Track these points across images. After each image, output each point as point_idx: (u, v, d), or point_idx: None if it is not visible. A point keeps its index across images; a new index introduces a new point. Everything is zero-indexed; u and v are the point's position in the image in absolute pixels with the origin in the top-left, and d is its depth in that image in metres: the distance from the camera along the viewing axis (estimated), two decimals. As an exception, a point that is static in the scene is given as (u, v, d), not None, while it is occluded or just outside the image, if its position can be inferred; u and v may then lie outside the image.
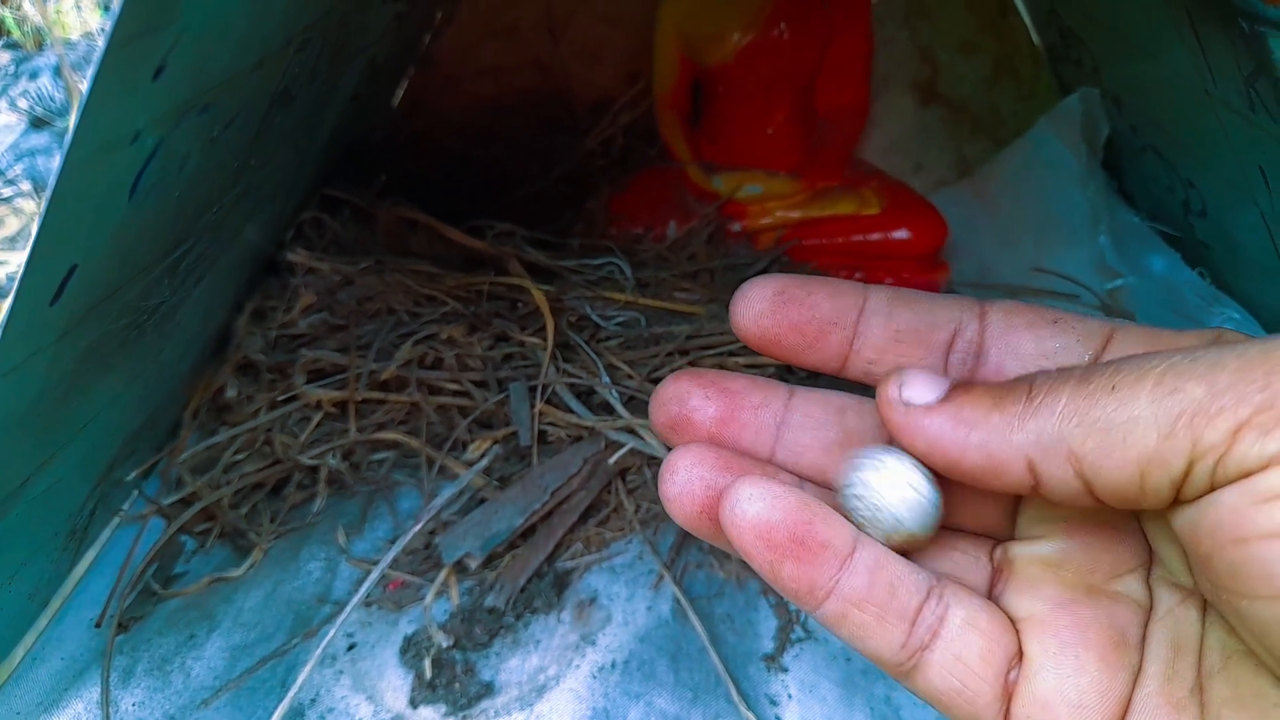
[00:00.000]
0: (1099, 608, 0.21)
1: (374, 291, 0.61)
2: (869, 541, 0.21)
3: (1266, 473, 0.16)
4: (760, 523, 0.20)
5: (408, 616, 0.51)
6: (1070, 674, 0.20)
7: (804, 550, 0.20)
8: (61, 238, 0.27)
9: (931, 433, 0.20)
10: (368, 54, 0.58)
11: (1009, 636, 0.21)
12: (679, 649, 0.49)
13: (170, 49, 0.27)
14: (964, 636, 0.21)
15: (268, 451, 0.56)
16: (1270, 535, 0.15)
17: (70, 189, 0.26)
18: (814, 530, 0.20)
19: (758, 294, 0.23)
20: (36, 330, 0.30)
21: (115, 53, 0.24)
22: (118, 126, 0.27)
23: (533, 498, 0.53)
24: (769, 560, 0.21)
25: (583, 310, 0.63)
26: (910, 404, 0.20)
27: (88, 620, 0.51)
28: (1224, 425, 0.16)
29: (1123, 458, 0.17)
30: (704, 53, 0.79)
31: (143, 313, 0.39)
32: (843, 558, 0.21)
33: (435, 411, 0.58)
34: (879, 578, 0.21)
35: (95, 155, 0.26)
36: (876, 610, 0.21)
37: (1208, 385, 0.16)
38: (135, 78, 0.26)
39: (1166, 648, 0.20)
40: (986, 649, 0.21)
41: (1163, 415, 0.17)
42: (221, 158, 0.37)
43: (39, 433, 0.35)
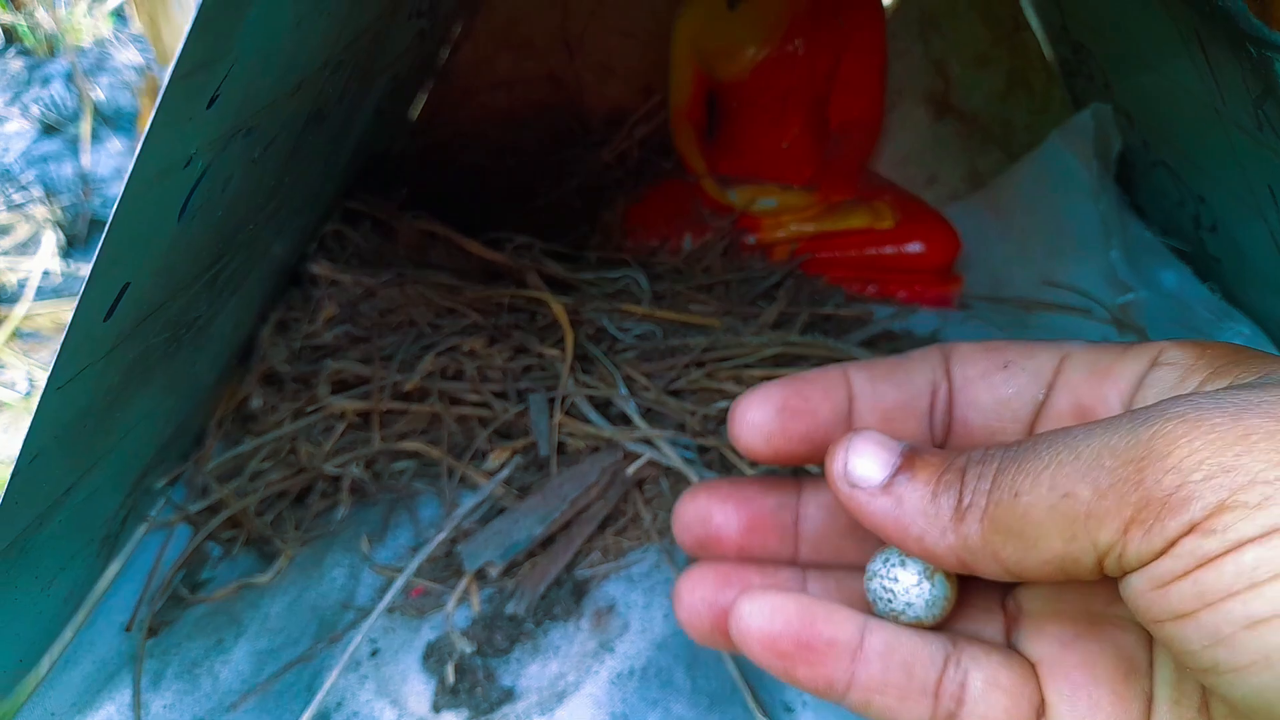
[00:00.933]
0: (1104, 639, 0.21)
1: (395, 303, 0.62)
2: (877, 625, 0.22)
3: (1156, 564, 0.17)
4: (765, 634, 0.22)
5: (429, 623, 0.52)
6: (1086, 714, 0.21)
7: (811, 653, 0.22)
8: (118, 258, 0.28)
9: (875, 519, 0.21)
10: (392, 70, 0.59)
11: (1031, 686, 0.22)
12: (695, 657, 0.50)
13: (223, 80, 0.28)
14: (988, 698, 0.22)
15: (292, 460, 0.57)
16: (1173, 618, 0.17)
17: (129, 213, 0.27)
18: (817, 631, 0.22)
19: (760, 415, 0.24)
20: (90, 346, 0.31)
21: (176, 86, 0.25)
22: (174, 153, 0.28)
23: (552, 507, 0.54)
24: (782, 668, 0.22)
25: (600, 323, 0.64)
26: (855, 484, 0.22)
27: (118, 624, 0.52)
28: (1112, 526, 0.18)
29: (1039, 559, 0.19)
30: (719, 68, 0.80)
31: (182, 326, 0.40)
32: (852, 650, 0.22)
33: (456, 422, 0.59)
34: (893, 661, 0.22)
35: (152, 181, 0.28)
36: (897, 692, 0.22)
37: (1092, 487, 0.18)
38: (192, 108, 0.27)
39: (1171, 669, 0.20)
40: (1011, 705, 0.21)
41: (1061, 522, 0.18)
42: (260, 177, 0.39)
43: (83, 444, 0.36)
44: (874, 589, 0.23)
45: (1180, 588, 0.17)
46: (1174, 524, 0.17)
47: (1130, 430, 0.18)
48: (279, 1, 0.30)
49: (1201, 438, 0.17)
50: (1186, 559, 0.17)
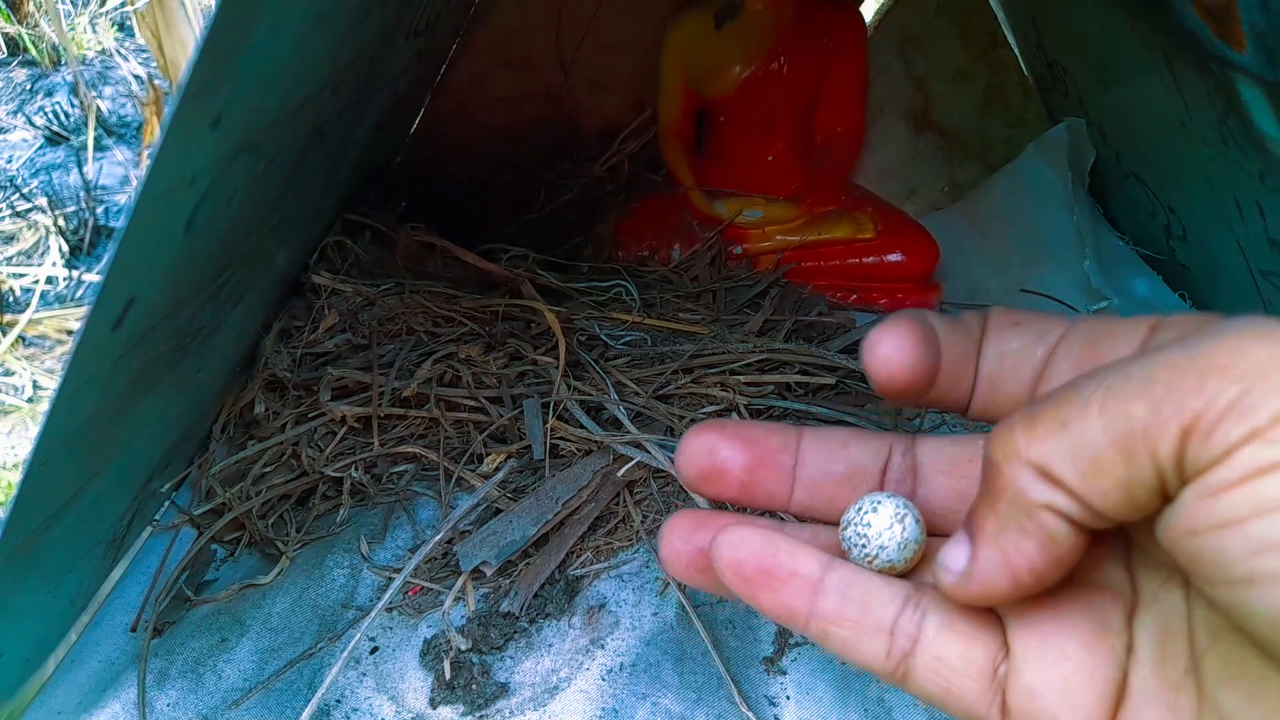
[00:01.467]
0: (1077, 599, 0.22)
1: (394, 312, 0.64)
2: (840, 565, 0.23)
3: (1211, 472, 0.17)
4: (732, 561, 0.23)
5: (427, 621, 0.54)
6: (1054, 662, 0.21)
7: (773, 580, 0.23)
8: (126, 270, 0.30)
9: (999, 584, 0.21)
10: (391, 87, 0.62)
11: (989, 634, 0.22)
12: (684, 652, 0.52)
13: (227, 102, 0.30)
14: (941, 639, 0.22)
15: (294, 464, 0.59)
16: (1219, 527, 0.17)
17: (137, 227, 0.29)
18: (779, 561, 0.23)
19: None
20: (98, 355, 0.33)
21: (183, 107, 0.27)
22: (180, 170, 0.30)
23: (545, 509, 0.56)
24: (746, 592, 0.23)
25: (592, 330, 0.66)
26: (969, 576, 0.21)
27: (123, 625, 0.54)
28: (1172, 436, 0.17)
29: (1104, 487, 0.19)
30: (707, 85, 0.82)
31: (187, 335, 0.42)
32: (813, 583, 0.23)
33: (452, 426, 0.61)
34: (850, 595, 0.23)
35: (160, 196, 0.30)
36: (853, 625, 0.23)
37: (1147, 402, 0.18)
38: (198, 128, 0.29)
39: (1156, 630, 0.21)
40: (965, 649, 0.22)
41: (1120, 443, 0.18)
42: (263, 192, 0.41)
43: (91, 449, 0.38)
44: (848, 536, 0.24)
45: (1233, 495, 0.16)
46: (1236, 430, 0.16)
47: (1186, 347, 0.17)
48: (281, 26, 0.32)
49: (1266, 349, 0.16)
50: (1244, 466, 0.16)
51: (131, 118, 3.07)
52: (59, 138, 2.68)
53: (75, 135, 2.67)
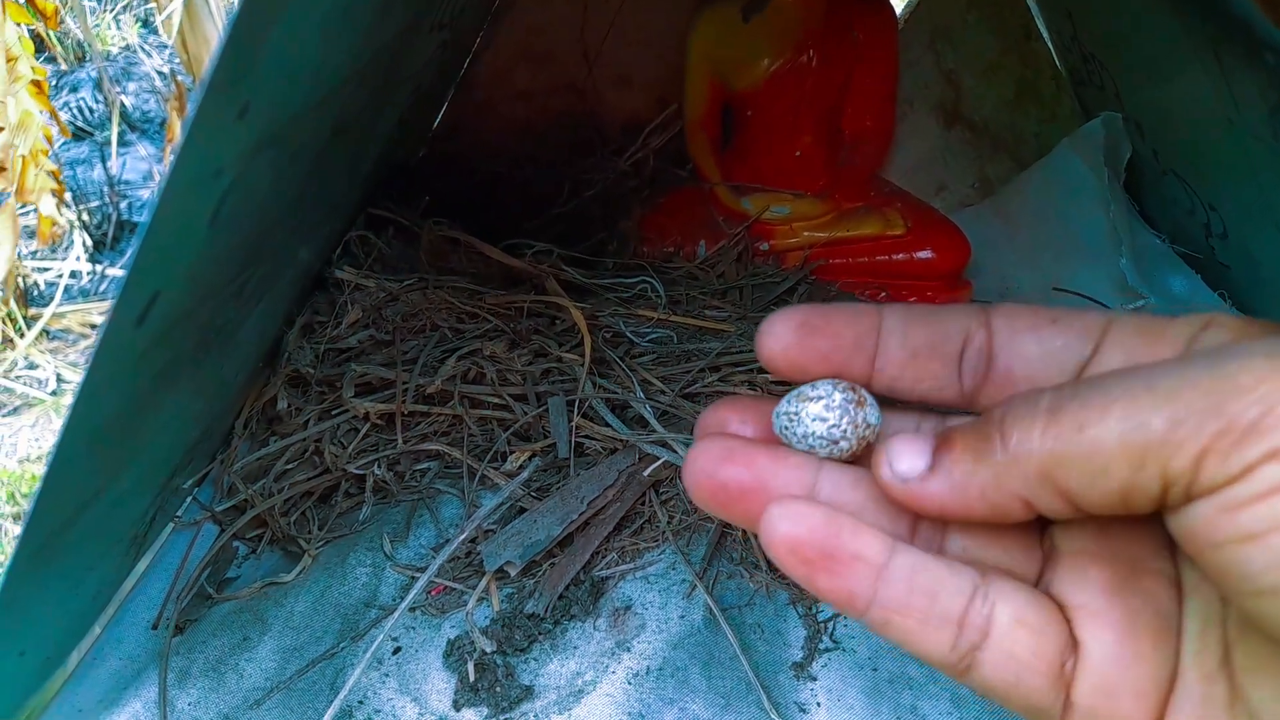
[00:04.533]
0: (1145, 593, 0.22)
1: (418, 308, 0.63)
2: (905, 549, 0.22)
3: (1230, 488, 0.18)
4: (790, 540, 0.22)
5: (450, 621, 0.53)
6: (1130, 664, 0.21)
7: (834, 563, 0.22)
8: (150, 265, 0.30)
9: (935, 502, 0.22)
10: (415, 81, 0.61)
11: (1059, 628, 0.22)
12: (711, 656, 0.51)
13: (252, 94, 0.29)
14: (1014, 634, 0.22)
15: (317, 461, 0.59)
16: (1240, 540, 0.18)
17: (161, 221, 0.28)
18: (842, 543, 0.22)
19: (782, 327, 0.24)
20: (122, 351, 0.32)
21: (209, 99, 0.26)
22: (206, 163, 0.29)
23: (570, 508, 0.55)
24: (803, 575, 0.22)
25: (617, 327, 0.65)
26: (906, 479, 0.22)
27: (145, 622, 0.54)
28: (1188, 453, 0.18)
29: (1105, 488, 0.19)
30: (734, 78, 0.81)
31: (210, 332, 0.41)
32: (877, 568, 0.22)
33: (476, 424, 0.60)
34: (917, 584, 0.22)
35: (184, 190, 0.29)
36: (919, 617, 0.22)
37: (1168, 417, 0.18)
38: (223, 120, 0.29)
39: (1198, 622, 0.21)
40: (1038, 645, 0.22)
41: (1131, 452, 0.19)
42: (288, 186, 0.40)
43: (113, 447, 0.37)
44: (780, 424, 0.24)
45: (1253, 510, 0.17)
46: (1255, 450, 0.17)
47: (1211, 365, 0.18)
48: (307, 17, 0.31)
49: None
50: (1264, 483, 0.17)
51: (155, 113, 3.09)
52: (83, 133, 2.70)
53: (99, 131, 2.68)
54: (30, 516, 0.32)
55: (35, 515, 0.32)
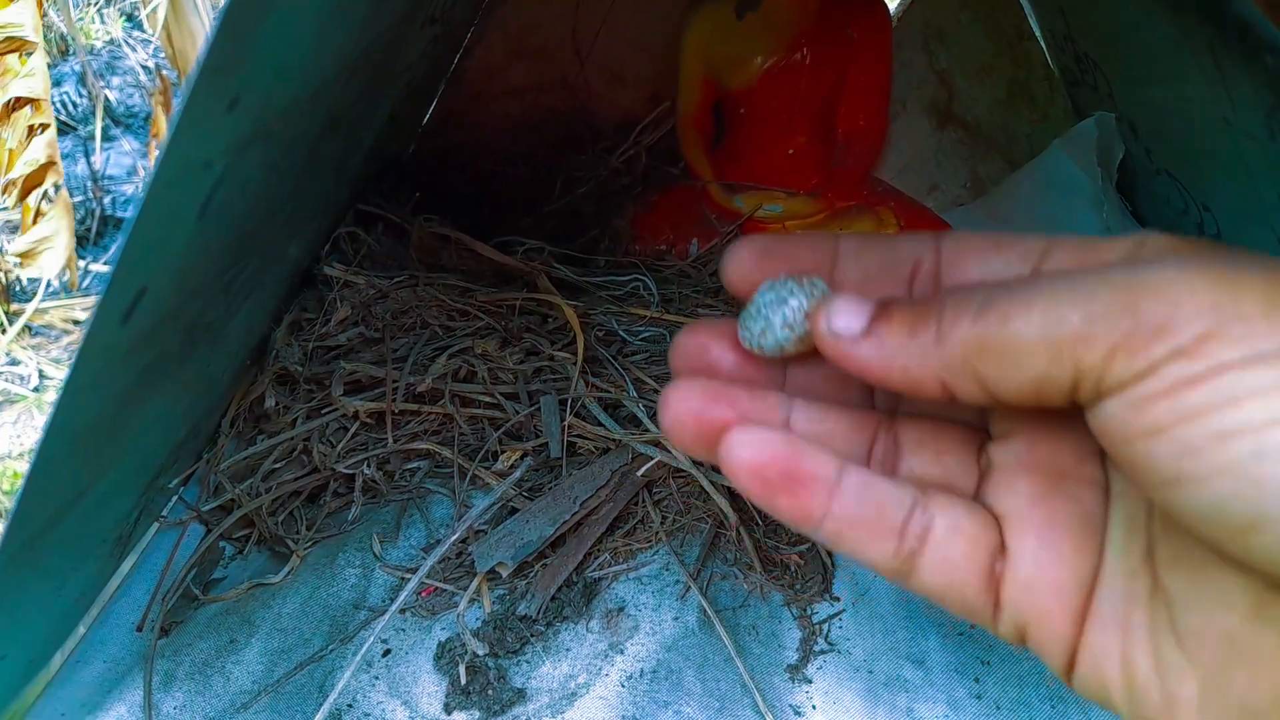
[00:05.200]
0: (1070, 498, 0.23)
1: (408, 305, 0.62)
2: (853, 468, 0.24)
3: (1137, 385, 0.19)
4: (753, 464, 0.23)
5: (441, 623, 0.52)
6: (1051, 564, 0.23)
7: (794, 483, 0.23)
8: (137, 260, 0.29)
9: (860, 361, 0.23)
10: (407, 75, 0.60)
11: (990, 535, 0.24)
12: (705, 659, 0.50)
13: (243, 84, 0.29)
14: (949, 541, 0.23)
15: (305, 460, 0.58)
16: (1147, 434, 0.19)
17: (150, 213, 0.28)
18: (801, 465, 0.23)
19: (745, 252, 0.26)
20: (108, 348, 0.31)
21: (200, 87, 0.26)
22: (195, 154, 0.28)
23: (563, 508, 0.55)
24: (765, 496, 0.24)
25: (610, 326, 0.65)
26: (839, 335, 0.23)
27: (129, 624, 0.53)
28: (1099, 350, 0.19)
29: (1019, 379, 0.21)
30: (727, 76, 0.80)
31: (198, 329, 0.41)
32: (831, 486, 0.23)
33: (467, 423, 0.60)
34: (866, 499, 0.24)
35: (173, 181, 0.28)
36: (868, 528, 0.24)
37: (1084, 314, 0.20)
38: (213, 110, 0.28)
39: (1123, 522, 0.22)
40: (969, 550, 0.23)
41: (1048, 343, 0.20)
42: (278, 180, 0.39)
43: (98, 446, 0.37)
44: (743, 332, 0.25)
45: (1159, 405, 0.19)
46: (1161, 348, 0.18)
47: (1129, 269, 0.19)
48: (299, 10, 0.31)
49: (1198, 279, 0.19)
50: (1169, 380, 0.18)
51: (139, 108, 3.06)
52: (67, 127, 2.67)
53: (83, 125, 2.66)
54: (13, 516, 0.31)
55: (18, 515, 0.32)
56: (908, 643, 0.51)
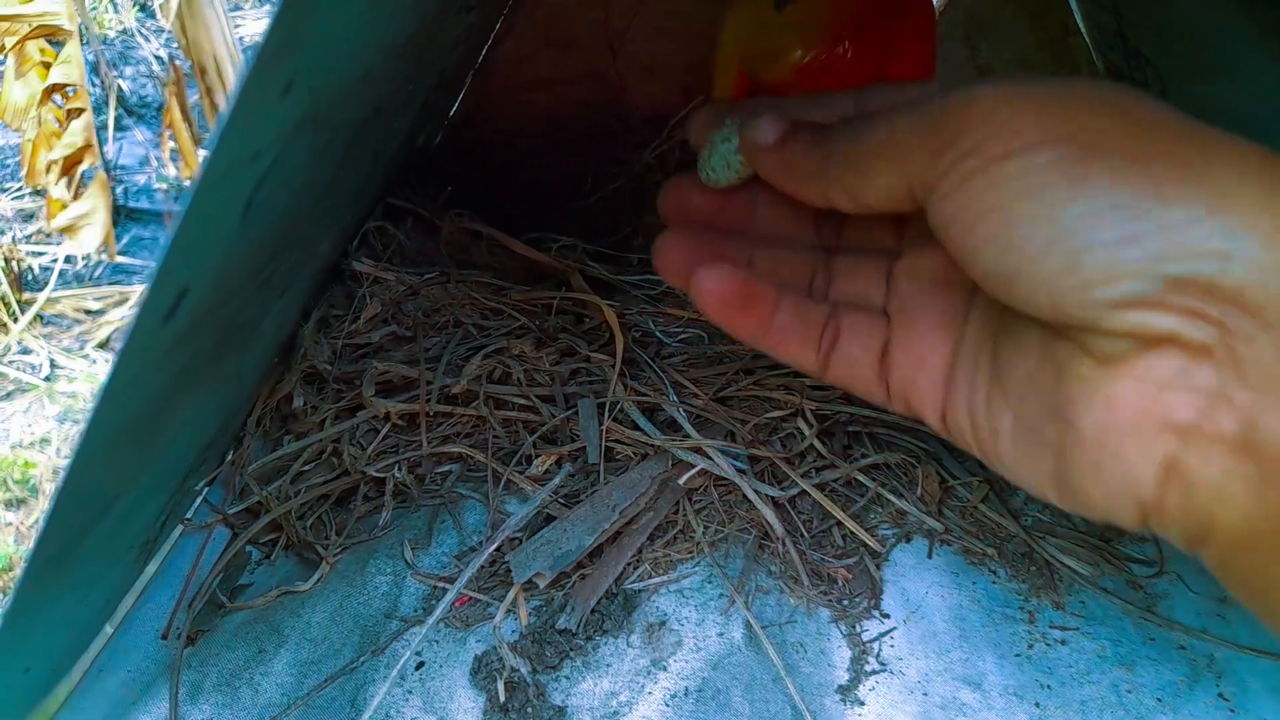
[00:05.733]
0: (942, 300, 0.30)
1: (440, 303, 0.60)
2: (790, 294, 0.32)
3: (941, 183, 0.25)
4: (716, 291, 0.31)
5: (476, 635, 0.50)
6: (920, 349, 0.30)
7: (745, 306, 0.31)
8: (182, 258, 0.27)
9: (770, 168, 0.30)
10: (441, 64, 0.58)
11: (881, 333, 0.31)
12: (753, 678, 0.48)
13: (299, 68, 0.26)
14: (849, 342, 0.31)
15: (335, 463, 0.56)
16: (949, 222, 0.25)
17: (198, 209, 0.26)
18: (752, 291, 0.31)
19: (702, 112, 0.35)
20: (147, 350, 0.29)
21: (257, 73, 0.24)
22: (246, 145, 0.26)
23: (602, 517, 0.53)
24: (724, 317, 0.32)
25: (646, 326, 0.63)
26: (757, 145, 0.30)
27: (153, 631, 0.51)
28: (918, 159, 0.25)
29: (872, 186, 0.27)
30: (764, 69, 0.78)
31: (233, 328, 0.39)
32: (772, 308, 0.32)
33: (501, 425, 0.58)
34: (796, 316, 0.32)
35: (223, 175, 0.26)
36: (798, 339, 0.32)
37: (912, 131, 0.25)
38: (268, 96, 0.26)
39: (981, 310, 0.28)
40: (865, 347, 0.31)
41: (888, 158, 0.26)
42: (321, 172, 0.37)
43: (132, 452, 0.35)
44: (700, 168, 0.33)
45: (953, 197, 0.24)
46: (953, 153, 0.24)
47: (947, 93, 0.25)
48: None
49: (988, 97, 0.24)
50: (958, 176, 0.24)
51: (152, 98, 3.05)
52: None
53: (96, 115, 2.64)
54: (45, 526, 0.29)
55: (51, 524, 0.30)
56: (963, 663, 0.49)
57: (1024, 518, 0.57)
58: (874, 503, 0.57)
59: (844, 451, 0.58)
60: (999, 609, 0.52)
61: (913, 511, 0.56)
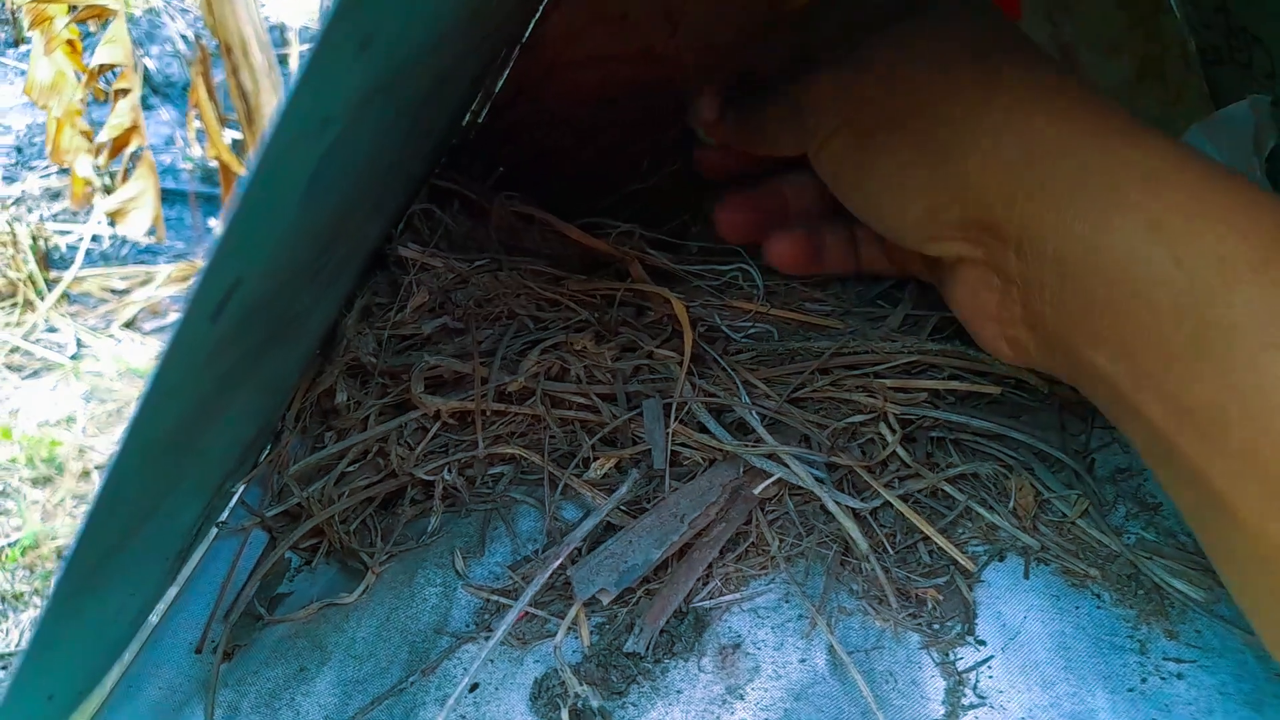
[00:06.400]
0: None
1: (492, 292, 0.56)
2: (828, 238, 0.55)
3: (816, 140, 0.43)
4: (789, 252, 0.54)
5: (533, 654, 0.46)
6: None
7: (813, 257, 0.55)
8: (240, 245, 0.23)
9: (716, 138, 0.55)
10: (497, 36, 0.53)
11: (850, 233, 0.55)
12: (840, 711, 0.44)
13: (377, 20, 0.22)
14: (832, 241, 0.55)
15: (380, 463, 0.52)
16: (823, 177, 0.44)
17: (261, 186, 0.21)
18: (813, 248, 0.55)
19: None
20: (193, 351, 0.25)
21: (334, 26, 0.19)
22: (317, 110, 0.22)
23: (669, 529, 0.49)
24: (795, 269, 0.57)
25: (712, 320, 0.58)
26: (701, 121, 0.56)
27: (187, 644, 0.47)
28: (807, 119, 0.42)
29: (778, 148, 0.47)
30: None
31: (282, 322, 0.34)
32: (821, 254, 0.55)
33: (558, 425, 0.53)
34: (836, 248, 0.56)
35: (292, 143, 0.22)
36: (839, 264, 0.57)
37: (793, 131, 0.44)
38: (345, 50, 0.21)
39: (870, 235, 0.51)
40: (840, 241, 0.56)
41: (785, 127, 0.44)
42: (385, 147, 0.33)
43: (172, 458, 0.31)
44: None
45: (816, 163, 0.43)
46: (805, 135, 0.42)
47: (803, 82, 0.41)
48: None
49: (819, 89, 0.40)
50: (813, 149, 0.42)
51: (178, 77, 3.02)
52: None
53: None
54: (77, 545, 0.25)
55: (83, 543, 0.26)
56: (1070, 698, 0.45)
57: (1126, 535, 0.52)
58: (963, 516, 0.52)
59: (927, 459, 0.54)
60: (1106, 637, 0.48)
61: (1005, 527, 0.51)
